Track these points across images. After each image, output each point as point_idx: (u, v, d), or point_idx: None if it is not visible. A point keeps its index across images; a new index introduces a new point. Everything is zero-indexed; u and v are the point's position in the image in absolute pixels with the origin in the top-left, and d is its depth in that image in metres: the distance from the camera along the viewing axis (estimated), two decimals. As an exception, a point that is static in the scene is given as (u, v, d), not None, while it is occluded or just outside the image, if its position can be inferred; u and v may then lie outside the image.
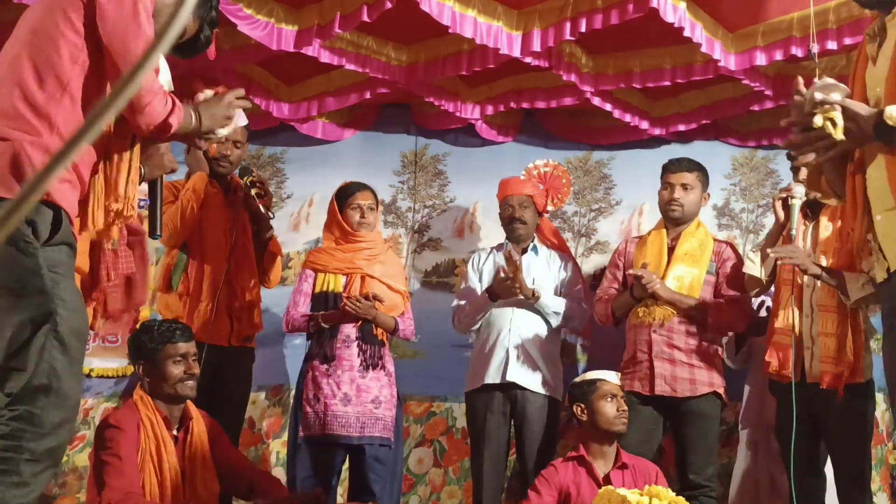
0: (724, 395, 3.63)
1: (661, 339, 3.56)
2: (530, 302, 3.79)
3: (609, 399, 3.25)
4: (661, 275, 3.59)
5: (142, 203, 3.46)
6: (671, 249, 3.68)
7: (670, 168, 3.73)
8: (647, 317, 3.59)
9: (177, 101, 2.01)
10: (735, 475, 3.97)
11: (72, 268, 1.93)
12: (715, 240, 3.79)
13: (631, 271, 3.61)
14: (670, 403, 3.55)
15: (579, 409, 3.28)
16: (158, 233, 2.34)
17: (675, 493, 2.73)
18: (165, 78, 2.13)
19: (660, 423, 3.60)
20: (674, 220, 3.72)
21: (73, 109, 1.91)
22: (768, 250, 3.36)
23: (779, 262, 3.32)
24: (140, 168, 2.18)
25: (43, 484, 1.85)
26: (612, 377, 3.36)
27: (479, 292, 3.92)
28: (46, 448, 1.80)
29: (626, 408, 3.27)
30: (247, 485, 2.90)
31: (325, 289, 3.74)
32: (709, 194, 3.83)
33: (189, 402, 2.87)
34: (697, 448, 3.49)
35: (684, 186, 3.67)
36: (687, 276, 3.61)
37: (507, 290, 3.73)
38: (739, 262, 3.71)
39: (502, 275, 3.74)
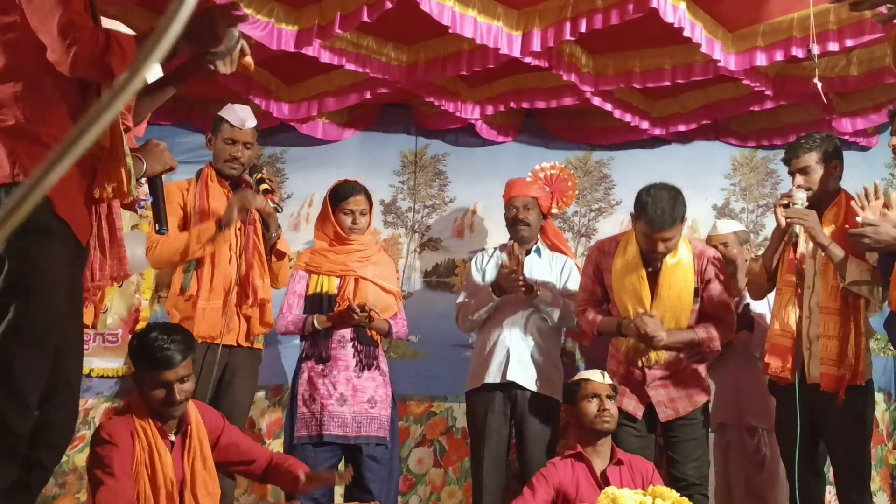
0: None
1: (655, 373, 3.51)
2: (530, 298, 3.79)
3: (590, 399, 3.27)
4: (648, 304, 3.43)
5: (142, 202, 3.46)
6: (652, 274, 3.47)
7: (652, 225, 3.30)
8: (640, 356, 3.49)
9: (117, 38, 1.75)
10: (710, 477, 3.96)
11: (53, 254, 1.80)
12: (693, 253, 3.50)
13: (637, 321, 3.34)
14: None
15: (567, 409, 3.30)
16: (165, 227, 2.33)
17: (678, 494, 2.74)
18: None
19: (653, 436, 3.60)
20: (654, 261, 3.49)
21: (38, 91, 1.81)
22: (778, 209, 3.30)
23: (786, 219, 3.25)
24: (142, 162, 2.14)
25: (6, 479, 1.77)
26: (596, 376, 3.36)
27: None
28: (7, 446, 1.75)
29: (608, 406, 3.26)
30: (262, 469, 2.88)
31: (318, 290, 3.74)
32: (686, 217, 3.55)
33: (190, 402, 2.77)
34: (692, 452, 3.49)
35: (666, 239, 3.36)
36: (674, 308, 3.45)
37: (512, 283, 3.71)
38: (722, 272, 3.54)
39: (505, 269, 3.73)
